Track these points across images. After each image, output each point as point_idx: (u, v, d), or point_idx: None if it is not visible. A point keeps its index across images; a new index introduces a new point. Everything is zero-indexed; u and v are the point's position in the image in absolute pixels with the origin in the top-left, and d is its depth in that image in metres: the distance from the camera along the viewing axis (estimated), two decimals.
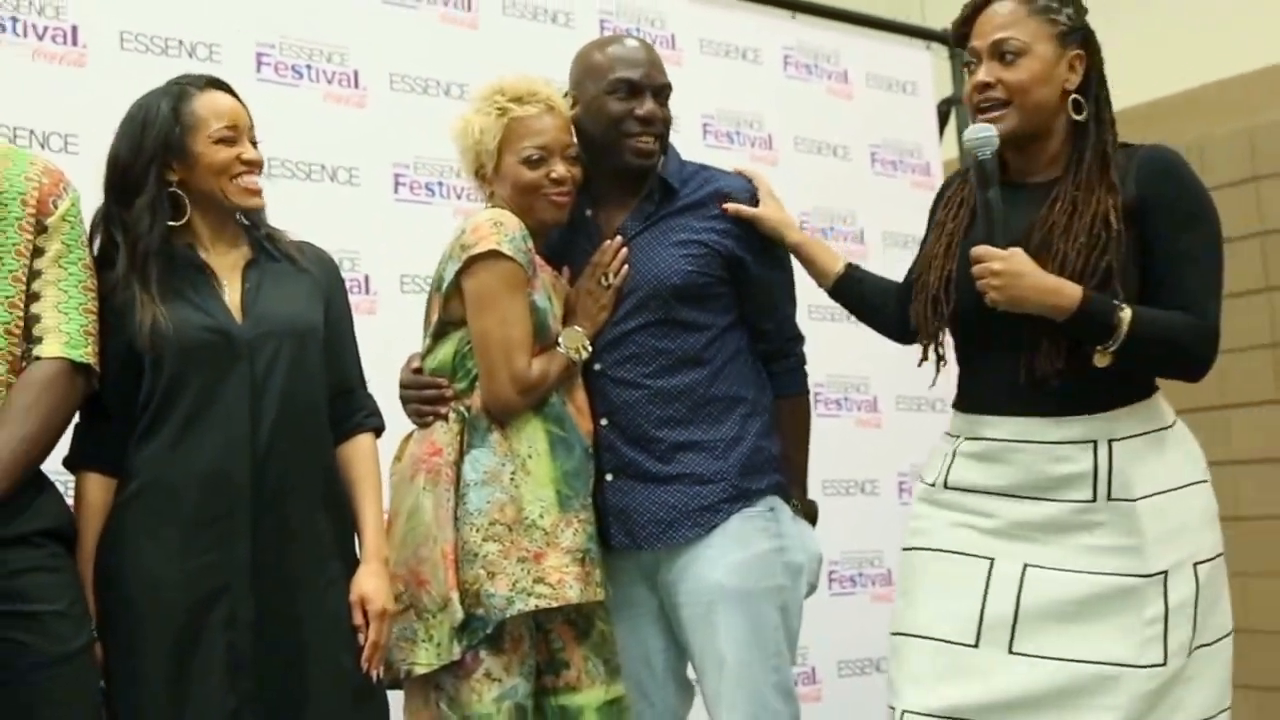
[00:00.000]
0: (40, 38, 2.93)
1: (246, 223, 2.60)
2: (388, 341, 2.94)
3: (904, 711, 2.23)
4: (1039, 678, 2.14)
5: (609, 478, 2.75)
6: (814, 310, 3.30)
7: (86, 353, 2.37)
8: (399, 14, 3.61)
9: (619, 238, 2.70)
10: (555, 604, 2.55)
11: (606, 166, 2.79)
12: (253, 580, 2.39)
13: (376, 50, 3.51)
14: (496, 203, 2.75)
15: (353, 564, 2.53)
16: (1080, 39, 2.30)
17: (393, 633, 2.52)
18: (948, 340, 2.48)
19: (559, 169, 2.68)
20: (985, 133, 2.23)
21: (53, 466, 2.44)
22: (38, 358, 2.34)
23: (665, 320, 2.69)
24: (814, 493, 2.98)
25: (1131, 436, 2.20)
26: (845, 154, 4.38)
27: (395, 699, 2.63)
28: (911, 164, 4.43)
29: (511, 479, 2.59)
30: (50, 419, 2.34)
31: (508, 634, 2.54)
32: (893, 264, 4.33)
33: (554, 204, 2.68)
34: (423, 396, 2.71)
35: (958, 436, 2.36)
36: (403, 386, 2.77)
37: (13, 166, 2.39)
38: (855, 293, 2.69)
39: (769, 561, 2.67)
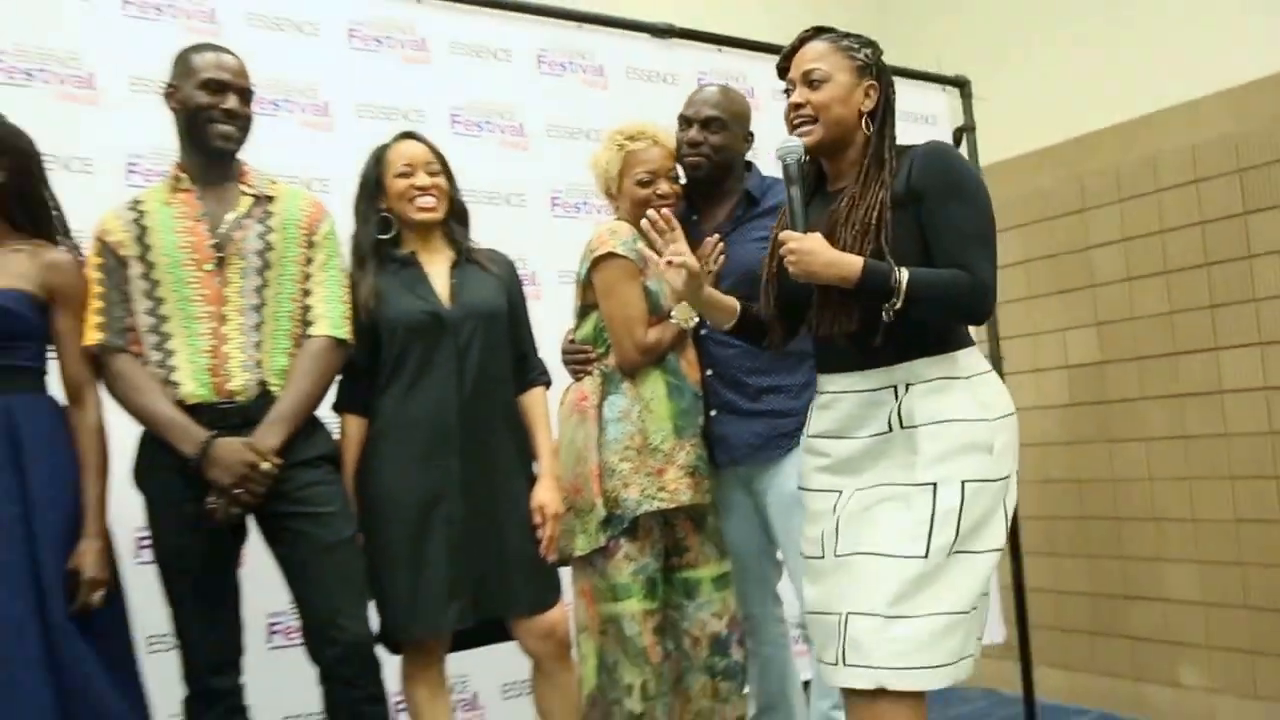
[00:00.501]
0: (62, 82, 2.93)
1: (454, 237, 2.73)
2: (550, 319, 3.00)
3: (804, 610, 2.29)
4: (843, 571, 2.11)
5: (713, 413, 2.83)
6: None
7: (345, 331, 2.54)
8: (551, 72, 3.73)
9: (716, 235, 2.68)
10: (672, 505, 2.67)
11: (689, 180, 2.91)
12: (462, 491, 2.55)
13: (538, 107, 3.61)
14: (620, 215, 2.86)
15: (531, 479, 2.66)
16: (874, 73, 2.25)
17: (560, 527, 2.66)
18: None
19: (663, 187, 2.79)
20: (793, 143, 2.18)
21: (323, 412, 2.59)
22: (311, 335, 2.52)
23: (752, 295, 2.76)
24: None
25: (923, 382, 2.13)
26: None
27: (564, 574, 2.76)
28: None
29: (639, 416, 2.71)
30: (321, 379, 2.51)
31: (640, 527, 2.66)
32: None
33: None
34: (575, 359, 2.85)
35: (818, 393, 2.34)
36: (563, 352, 2.89)
37: (291, 201, 2.56)
38: (752, 318, 2.44)
39: None
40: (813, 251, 2.08)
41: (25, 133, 2.45)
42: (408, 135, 2.75)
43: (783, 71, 2.29)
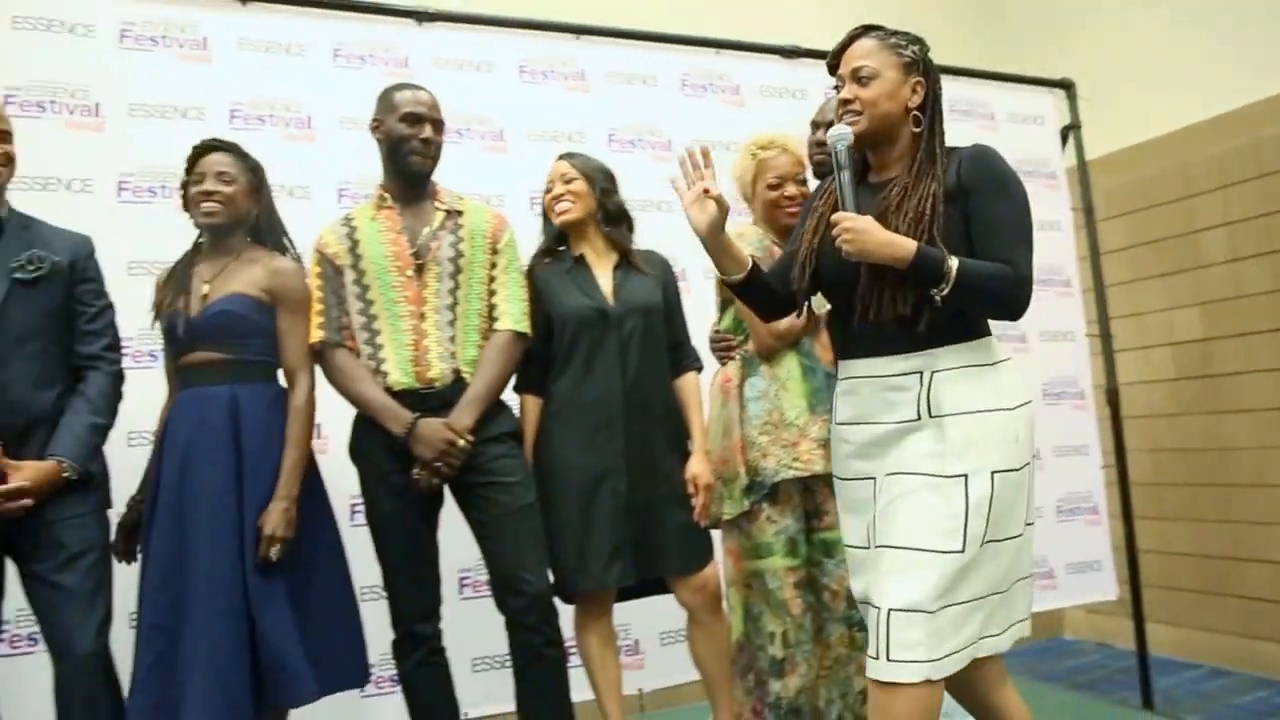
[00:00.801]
0: (287, 125, 3.09)
1: (617, 241, 2.72)
2: (698, 312, 2.96)
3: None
4: (883, 562, 1.93)
5: None
6: None
7: (525, 325, 2.57)
8: (694, 94, 3.74)
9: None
10: (806, 473, 2.60)
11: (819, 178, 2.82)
12: (625, 466, 2.56)
13: (683, 125, 3.61)
14: (755, 218, 2.81)
15: (685, 455, 2.65)
16: (921, 70, 2.07)
17: (711, 496, 2.63)
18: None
19: (790, 190, 2.72)
20: (843, 131, 2.02)
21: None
22: (496, 330, 2.56)
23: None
24: None
25: (948, 369, 1.97)
26: None
27: (715, 536, 2.74)
28: (1042, 173, 4.35)
29: (775, 395, 2.65)
30: (506, 367, 2.54)
31: (780, 492, 2.60)
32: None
33: (790, 214, 2.68)
34: (720, 347, 2.81)
35: (840, 379, 2.15)
36: (710, 341, 2.86)
37: (478, 214, 2.60)
38: (760, 281, 2.22)
39: None
40: (868, 230, 1.93)
41: (262, 166, 2.57)
42: (561, 157, 2.77)
43: (833, 68, 2.12)
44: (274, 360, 2.48)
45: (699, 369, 2.78)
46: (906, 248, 1.90)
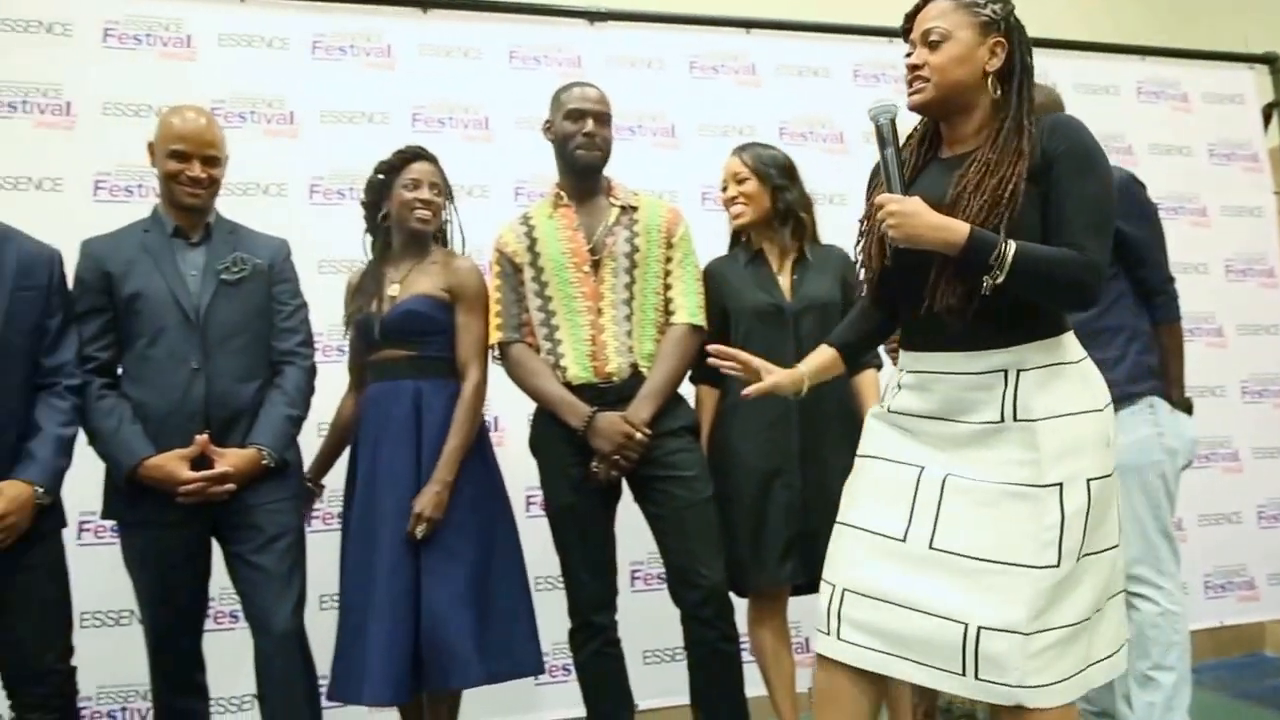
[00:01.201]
0: (465, 126, 3.19)
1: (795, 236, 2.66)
2: None
3: (843, 589, 1.85)
4: (952, 571, 1.75)
5: None
6: None
7: (700, 318, 2.57)
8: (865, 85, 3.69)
9: None
10: None
11: None
12: (800, 462, 2.53)
13: (854, 116, 3.46)
14: None
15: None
16: (1002, 28, 1.83)
17: None
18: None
19: None
20: (886, 103, 1.85)
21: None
22: (672, 323, 2.57)
23: None
24: None
25: (1036, 368, 1.77)
26: (1189, 151, 4.09)
27: None
28: (1241, 155, 4.10)
29: None
30: (683, 360, 2.55)
31: None
32: (1228, 230, 4.10)
33: None
34: (889, 345, 2.63)
35: (903, 370, 1.94)
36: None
37: (653, 210, 2.62)
38: (848, 345, 2.14)
39: (1149, 443, 2.54)
40: (916, 214, 1.73)
41: None
42: (736, 151, 2.74)
43: (906, 33, 1.89)
44: (454, 356, 2.56)
45: (878, 366, 2.73)
46: (959, 231, 1.71)
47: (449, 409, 2.48)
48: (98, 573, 2.30)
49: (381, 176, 2.61)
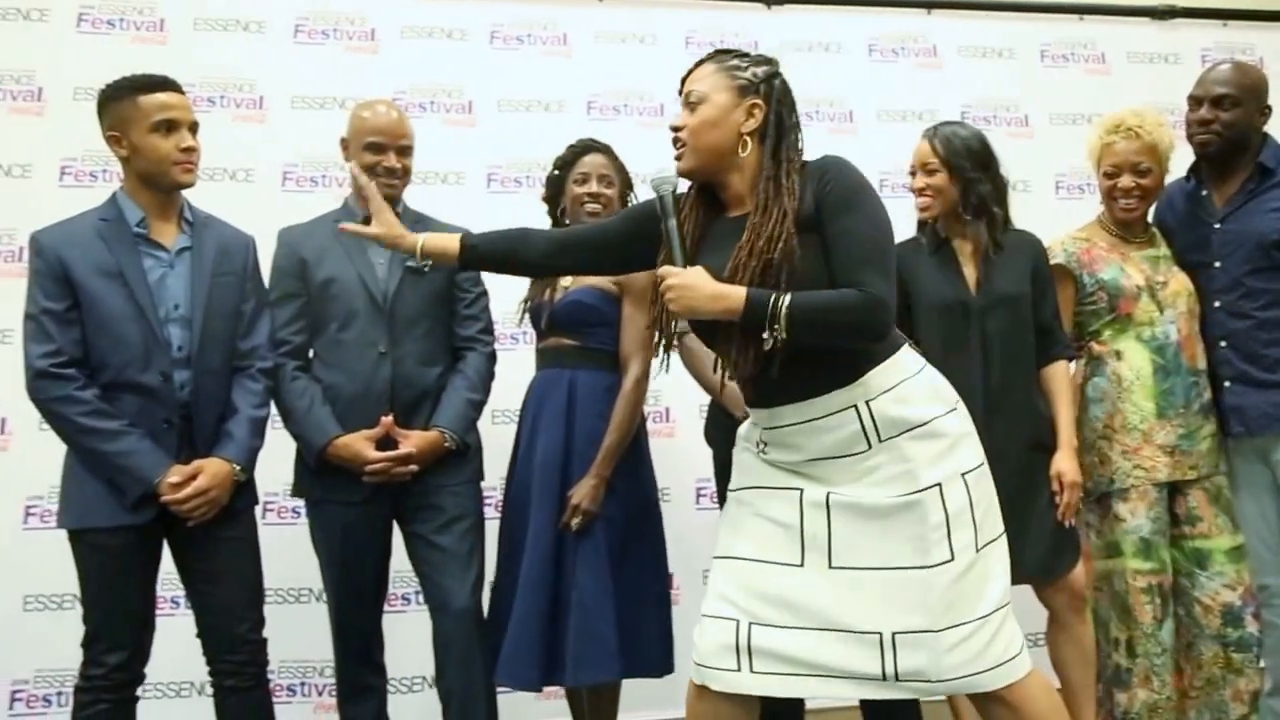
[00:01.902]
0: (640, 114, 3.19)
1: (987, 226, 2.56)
2: None
3: (749, 623, 1.82)
4: (855, 585, 1.78)
5: (1226, 384, 2.57)
6: None
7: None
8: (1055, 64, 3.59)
9: None
10: (1146, 483, 2.49)
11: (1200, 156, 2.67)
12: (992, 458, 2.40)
13: (1041, 99, 3.46)
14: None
15: (1048, 449, 2.47)
16: (760, 91, 1.85)
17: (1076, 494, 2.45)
18: None
19: (1125, 181, 2.60)
20: (668, 174, 1.87)
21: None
22: None
23: (1270, 267, 2.50)
24: None
25: (883, 393, 1.79)
26: None
27: None
28: None
29: (1117, 398, 2.54)
30: None
31: (1133, 491, 2.51)
32: None
33: (1123, 209, 2.61)
34: None
35: (758, 427, 1.94)
36: None
37: None
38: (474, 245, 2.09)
39: None
40: (694, 285, 1.76)
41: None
42: (926, 134, 2.62)
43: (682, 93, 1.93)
44: (618, 349, 2.57)
45: (1070, 357, 2.61)
46: (736, 297, 1.74)
47: (604, 400, 2.49)
48: (278, 551, 2.39)
49: (557, 172, 2.66)
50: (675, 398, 2.96)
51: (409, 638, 2.65)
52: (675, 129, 1.88)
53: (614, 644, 2.38)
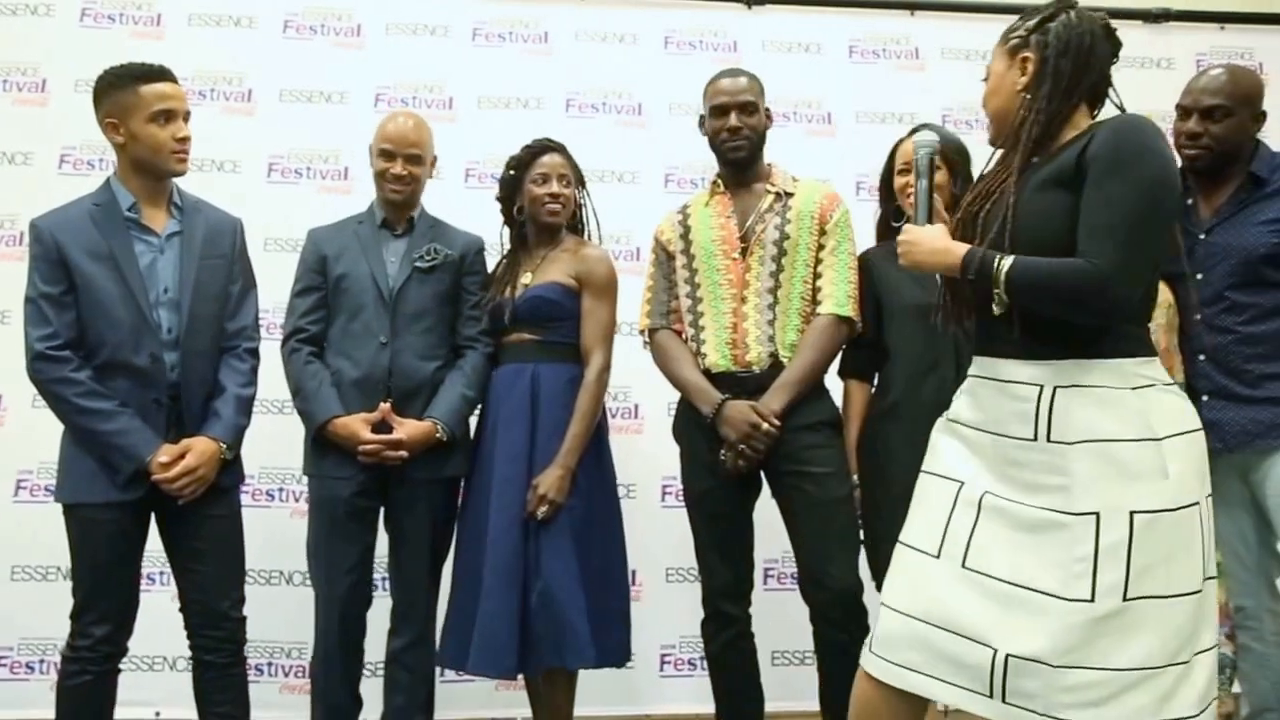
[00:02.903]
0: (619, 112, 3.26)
1: None
2: None
3: (882, 604, 1.89)
4: (983, 593, 1.73)
5: (1205, 398, 2.52)
6: None
7: (849, 309, 2.54)
8: None
9: None
10: None
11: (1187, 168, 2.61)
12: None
13: None
14: None
15: None
16: (1031, 43, 1.85)
17: None
18: None
19: None
20: (930, 137, 1.97)
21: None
22: (818, 313, 2.55)
23: (1255, 281, 2.48)
24: None
25: (1075, 387, 1.72)
26: None
27: None
28: None
29: None
30: (826, 353, 2.54)
31: None
32: None
33: None
34: None
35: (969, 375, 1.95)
36: None
37: (808, 194, 2.61)
38: None
39: None
40: (917, 241, 1.85)
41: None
42: (915, 130, 2.60)
43: None
44: (579, 342, 2.69)
45: None
46: (956, 254, 1.80)
47: (566, 392, 2.61)
48: (253, 533, 2.49)
49: (513, 172, 2.77)
50: (644, 395, 3.01)
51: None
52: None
53: (586, 631, 2.49)
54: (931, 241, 1.84)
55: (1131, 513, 1.66)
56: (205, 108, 3.22)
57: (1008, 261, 1.72)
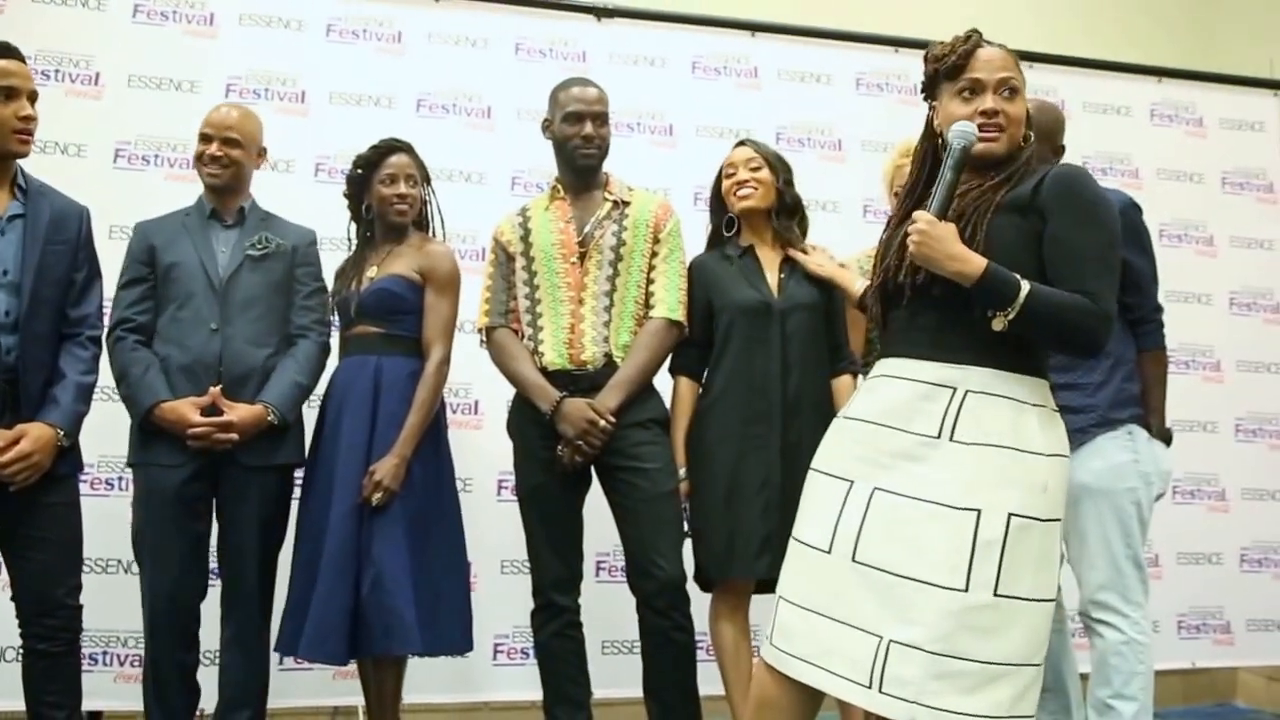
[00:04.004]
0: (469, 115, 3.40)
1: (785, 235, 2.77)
2: None
3: (779, 597, 1.98)
4: (871, 585, 1.84)
5: None
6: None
7: (680, 314, 2.71)
8: (872, 94, 3.87)
9: None
10: None
11: None
12: (781, 458, 2.60)
13: (858, 125, 3.73)
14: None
15: None
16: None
17: None
18: None
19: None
20: (969, 128, 1.91)
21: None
22: (651, 317, 2.71)
23: None
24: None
25: (985, 393, 1.87)
26: (1200, 179, 4.17)
27: None
28: (1256, 185, 4.16)
29: None
30: (657, 354, 2.71)
31: None
32: (1236, 262, 4.15)
33: None
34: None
35: (870, 376, 2.06)
36: None
37: (644, 204, 2.78)
38: None
39: (1124, 469, 2.61)
40: (942, 239, 1.86)
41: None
42: (743, 142, 2.87)
43: (956, 70, 1.98)
44: (421, 336, 2.80)
45: (855, 372, 2.83)
46: (976, 265, 1.84)
47: (407, 385, 2.73)
48: (90, 521, 2.51)
49: (360, 171, 2.89)
50: (484, 390, 3.14)
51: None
52: (995, 111, 1.95)
53: (412, 618, 2.59)
54: (952, 245, 1.86)
55: (1010, 514, 1.81)
56: (259, 107, 3.17)
57: (1027, 285, 1.82)
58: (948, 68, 1.99)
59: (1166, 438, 2.74)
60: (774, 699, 1.97)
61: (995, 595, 1.79)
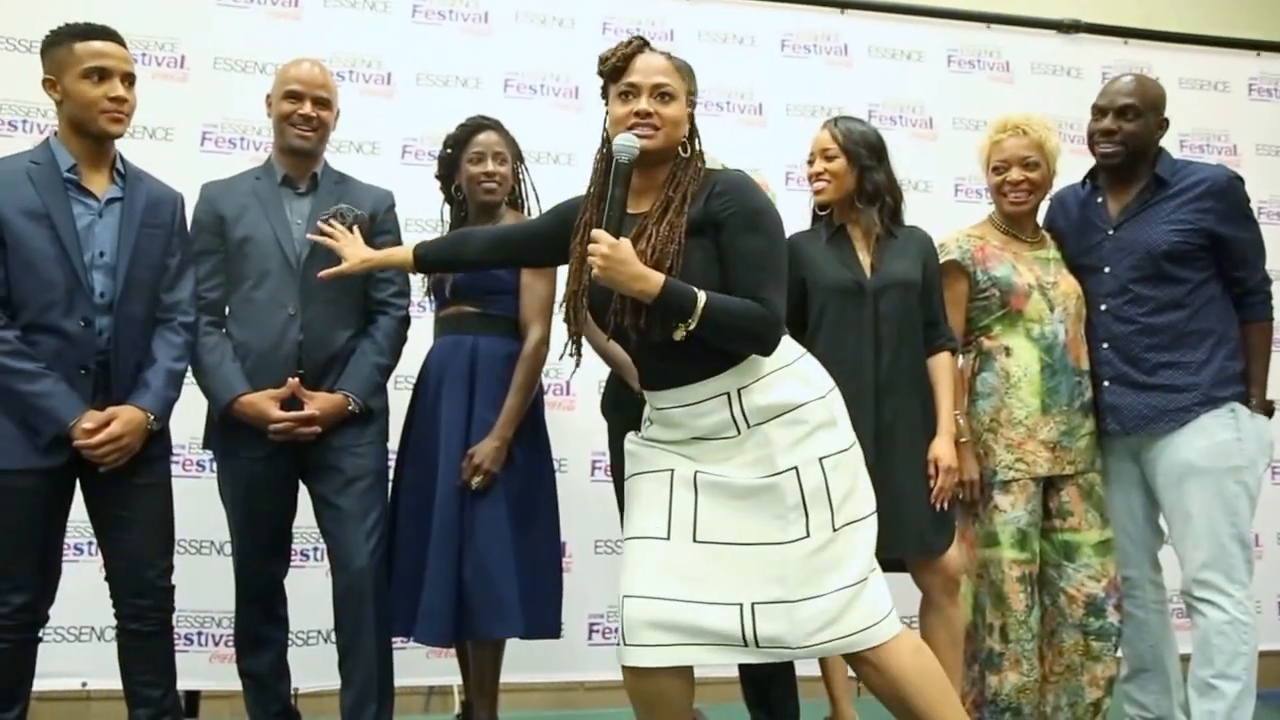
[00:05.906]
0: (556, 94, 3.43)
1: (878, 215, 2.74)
2: None
3: (624, 597, 2.04)
4: (718, 558, 2.02)
5: (1105, 384, 2.77)
6: None
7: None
8: (961, 70, 3.89)
9: None
10: (1028, 477, 2.69)
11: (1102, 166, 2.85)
12: (873, 440, 2.53)
13: (947, 103, 3.73)
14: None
15: (931, 433, 2.65)
16: (692, 104, 2.18)
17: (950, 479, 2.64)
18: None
19: (1014, 175, 2.79)
20: (631, 142, 2.00)
21: None
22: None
23: (1156, 275, 2.71)
24: None
25: (755, 381, 2.04)
26: None
27: None
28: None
29: (1005, 393, 2.74)
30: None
31: (1014, 484, 2.70)
32: None
33: (1011, 202, 2.80)
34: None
35: (649, 407, 2.19)
36: None
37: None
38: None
39: (1228, 447, 2.64)
40: (625, 261, 1.95)
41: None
42: (826, 125, 2.81)
43: (616, 73, 2.10)
44: (518, 316, 2.78)
45: (954, 349, 2.80)
46: (655, 283, 1.96)
47: (504, 365, 2.70)
48: (182, 503, 2.53)
49: (450, 150, 2.85)
50: (577, 370, 3.15)
51: (311, 592, 2.84)
52: (648, 113, 2.06)
53: (516, 603, 2.60)
54: (634, 264, 1.96)
55: (820, 459, 2.03)
56: (344, 89, 3.13)
57: (702, 296, 1.96)
58: (608, 70, 2.11)
59: (1268, 410, 2.76)
60: (653, 695, 2.05)
61: (835, 530, 2.01)
